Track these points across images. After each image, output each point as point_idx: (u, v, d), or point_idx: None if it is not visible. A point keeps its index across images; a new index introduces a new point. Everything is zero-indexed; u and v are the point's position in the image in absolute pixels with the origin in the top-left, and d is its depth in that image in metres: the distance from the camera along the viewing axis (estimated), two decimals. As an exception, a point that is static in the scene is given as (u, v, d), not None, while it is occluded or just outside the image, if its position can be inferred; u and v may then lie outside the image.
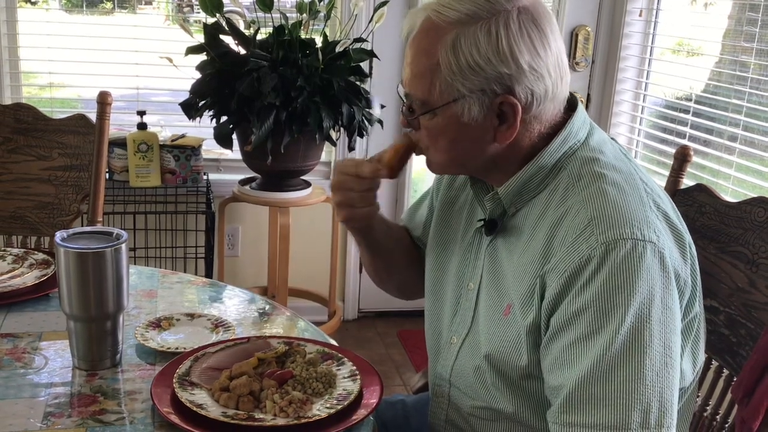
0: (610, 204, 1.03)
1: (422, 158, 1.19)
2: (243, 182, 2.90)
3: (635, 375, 0.96)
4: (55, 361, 1.25)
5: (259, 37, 2.58)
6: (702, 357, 1.16)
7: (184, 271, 2.54)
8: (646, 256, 0.99)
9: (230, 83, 2.48)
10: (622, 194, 1.04)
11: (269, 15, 2.56)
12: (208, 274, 2.85)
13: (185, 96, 2.56)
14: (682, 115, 2.89)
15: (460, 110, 1.06)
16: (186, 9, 3.31)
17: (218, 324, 1.38)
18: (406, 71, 1.11)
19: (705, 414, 1.40)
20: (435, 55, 1.05)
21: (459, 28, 1.03)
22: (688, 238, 1.09)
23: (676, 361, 1.00)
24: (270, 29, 2.57)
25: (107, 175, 2.74)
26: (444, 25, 1.05)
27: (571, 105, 1.14)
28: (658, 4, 3.10)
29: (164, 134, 2.92)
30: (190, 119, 2.57)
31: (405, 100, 1.13)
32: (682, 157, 1.51)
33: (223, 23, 2.55)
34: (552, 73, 1.06)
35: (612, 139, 1.18)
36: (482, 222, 1.18)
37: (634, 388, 0.96)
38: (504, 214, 1.15)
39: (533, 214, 1.10)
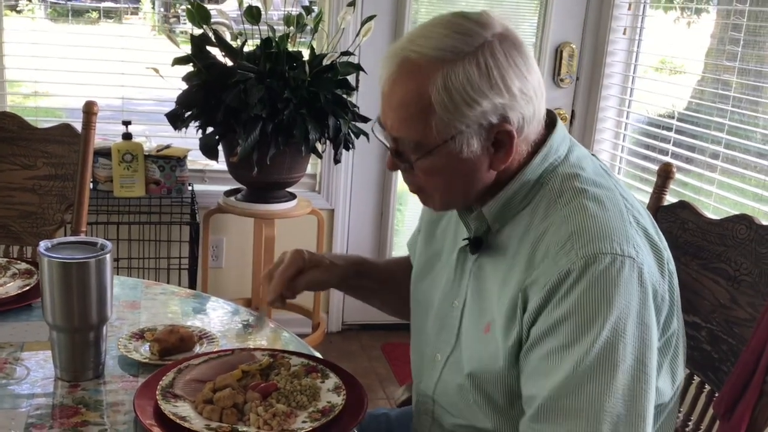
0: (590, 219, 1.04)
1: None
2: (228, 193, 2.89)
3: (606, 388, 0.97)
4: (37, 372, 1.24)
5: (246, 49, 2.59)
6: (681, 373, 1.16)
7: (168, 282, 2.52)
8: (624, 271, 0.99)
9: (217, 94, 2.48)
10: (602, 209, 1.05)
11: (256, 27, 2.56)
12: (192, 286, 2.84)
13: (171, 106, 2.56)
14: (664, 132, 2.93)
15: (458, 146, 1.05)
16: (172, 20, 3.31)
17: (201, 335, 1.38)
18: (391, 116, 1.08)
19: (687, 429, 1.41)
20: (425, 96, 1.03)
21: (446, 66, 1.02)
22: (666, 254, 1.10)
23: (651, 377, 1.00)
24: (257, 41, 2.58)
25: (91, 184, 2.72)
26: (427, 64, 1.03)
27: (550, 121, 1.15)
28: (642, 22, 3.14)
29: (149, 144, 2.92)
30: (175, 130, 2.56)
31: (388, 144, 1.11)
32: (665, 174, 1.52)
33: (211, 35, 2.55)
34: (537, 93, 1.07)
35: (593, 155, 1.19)
36: (467, 241, 1.18)
37: (604, 401, 0.96)
38: (488, 231, 1.15)
39: (517, 231, 1.11)
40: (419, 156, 1.07)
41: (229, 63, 2.57)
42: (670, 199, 1.53)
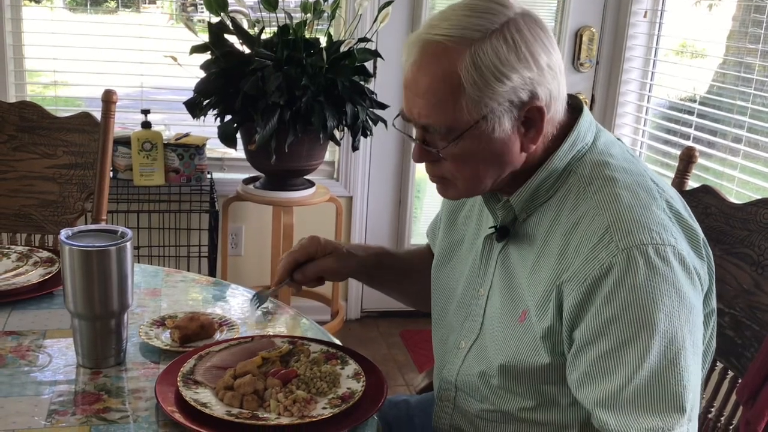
0: (625, 209, 1.02)
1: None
2: (247, 181, 2.90)
3: (674, 378, 0.97)
4: (59, 359, 1.25)
5: (263, 36, 2.58)
6: (713, 349, 1.17)
7: (188, 270, 2.53)
8: (668, 259, 0.99)
9: (234, 82, 2.48)
10: (636, 198, 1.04)
11: (274, 14, 2.56)
12: (212, 273, 2.85)
13: (189, 95, 2.56)
14: (686, 116, 2.89)
15: (490, 126, 1.03)
16: (190, 8, 3.31)
17: (222, 323, 1.38)
18: (418, 103, 1.05)
19: (710, 416, 1.40)
20: (454, 76, 1.01)
21: (474, 44, 1.01)
22: (702, 235, 1.09)
23: (700, 357, 1.02)
24: (274, 29, 2.57)
25: (111, 173, 2.73)
26: (453, 45, 1.01)
27: (575, 107, 1.14)
28: (662, 5, 3.10)
29: (168, 133, 2.93)
30: (194, 118, 2.57)
31: (415, 136, 1.09)
32: (687, 158, 1.50)
33: (228, 22, 2.55)
34: (562, 69, 1.07)
35: (618, 139, 1.18)
36: (493, 229, 1.17)
37: (674, 390, 0.97)
38: (515, 220, 1.14)
39: (545, 220, 1.10)
40: (450, 141, 1.05)
41: (247, 51, 2.57)
42: (691, 184, 1.51)
